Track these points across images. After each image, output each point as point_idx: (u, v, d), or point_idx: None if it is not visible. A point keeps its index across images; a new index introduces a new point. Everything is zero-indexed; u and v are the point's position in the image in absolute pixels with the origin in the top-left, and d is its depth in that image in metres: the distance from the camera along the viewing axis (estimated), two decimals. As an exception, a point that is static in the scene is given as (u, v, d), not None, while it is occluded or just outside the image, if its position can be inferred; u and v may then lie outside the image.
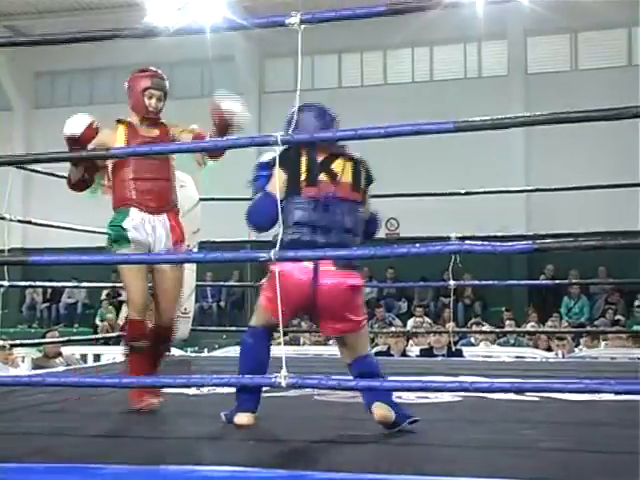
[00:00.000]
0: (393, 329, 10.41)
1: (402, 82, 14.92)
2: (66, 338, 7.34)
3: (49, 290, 15.61)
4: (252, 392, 3.10)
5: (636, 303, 11.93)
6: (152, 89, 3.72)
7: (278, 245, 2.76)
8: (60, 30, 3.40)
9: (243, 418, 3.09)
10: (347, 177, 3.03)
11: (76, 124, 3.58)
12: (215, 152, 3.65)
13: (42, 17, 14.43)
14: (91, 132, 3.57)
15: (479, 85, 14.39)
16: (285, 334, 3.12)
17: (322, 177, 3.00)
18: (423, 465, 2.49)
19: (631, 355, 7.40)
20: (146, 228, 3.63)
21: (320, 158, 3.02)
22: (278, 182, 2.93)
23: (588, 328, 10.92)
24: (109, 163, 3.70)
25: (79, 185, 3.81)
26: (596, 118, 2.28)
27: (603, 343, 8.36)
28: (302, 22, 2.50)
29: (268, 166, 3.07)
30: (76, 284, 9.79)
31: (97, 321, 14.06)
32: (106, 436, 3.00)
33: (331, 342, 10.07)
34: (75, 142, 3.53)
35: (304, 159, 3.00)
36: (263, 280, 3.22)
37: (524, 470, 2.42)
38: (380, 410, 2.92)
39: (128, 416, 3.46)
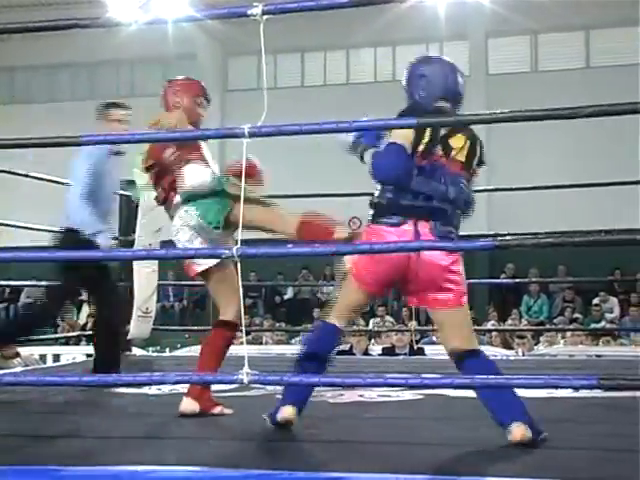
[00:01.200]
0: (355, 328, 10.42)
1: (365, 82, 15.00)
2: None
3: (7, 290, 15.38)
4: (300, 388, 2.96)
5: (594, 301, 12.11)
6: (203, 98, 3.68)
7: (374, 206, 2.91)
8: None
9: (287, 411, 2.93)
10: (462, 156, 2.94)
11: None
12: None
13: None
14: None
15: (441, 85, 14.49)
16: (247, 333, 3.10)
17: (438, 150, 2.92)
18: (384, 462, 2.50)
19: (589, 352, 7.52)
20: None
21: (443, 130, 2.92)
22: (406, 139, 2.85)
23: (548, 326, 11.08)
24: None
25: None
26: (551, 117, 2.32)
27: (562, 341, 8.49)
28: (264, 13, 2.48)
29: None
30: (35, 283, 9.64)
31: (58, 320, 13.88)
32: (66, 437, 2.96)
33: (293, 341, 10.07)
34: None
35: (429, 128, 2.88)
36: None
37: (484, 467, 2.44)
38: (520, 431, 2.69)
39: (88, 417, 3.42)
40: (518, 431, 2.68)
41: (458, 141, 2.93)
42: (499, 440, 2.75)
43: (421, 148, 2.87)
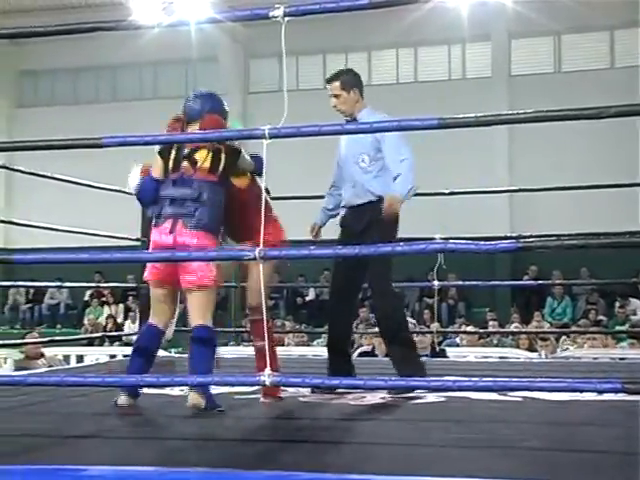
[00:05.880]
0: (377, 329, 10.39)
1: (386, 83, 14.95)
2: (49, 339, 7.26)
3: (31, 291, 15.53)
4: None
5: (617, 304, 12.00)
6: None
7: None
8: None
9: (123, 399, 3.57)
10: (207, 164, 3.64)
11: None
12: None
13: (24, 16, 14.34)
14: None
15: (463, 86, 14.44)
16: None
17: (185, 164, 3.65)
18: (405, 464, 2.49)
19: (613, 355, 7.45)
20: None
21: (186, 150, 3.65)
22: (156, 167, 3.72)
23: (573, 328, 10.98)
24: None
25: None
26: (576, 117, 2.30)
27: (586, 344, 8.41)
28: (286, 15, 2.48)
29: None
30: (59, 284, 9.72)
31: (85, 321, 14.03)
32: (87, 437, 2.97)
33: (315, 343, 10.07)
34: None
35: (173, 152, 3.67)
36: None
37: (505, 469, 2.42)
38: (194, 396, 3.40)
39: (110, 417, 3.44)
40: (193, 397, 3.40)
41: (201, 154, 3.64)
42: (520, 442, 2.73)
43: (170, 166, 3.66)
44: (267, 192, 3.75)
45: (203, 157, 3.65)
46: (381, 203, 4.06)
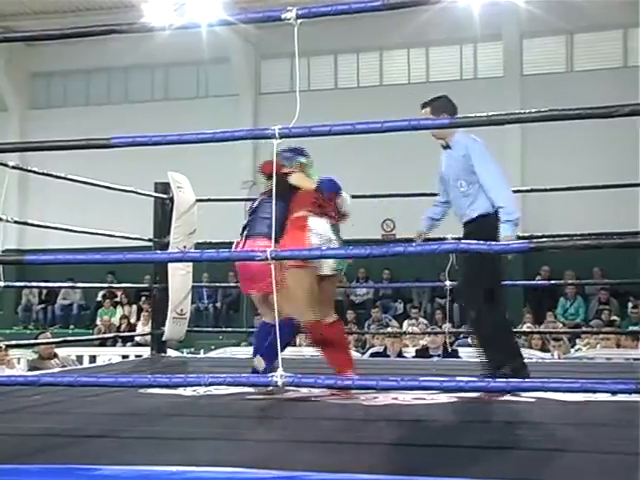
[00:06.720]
0: (390, 330, 10.40)
1: (398, 83, 14.94)
2: (62, 339, 7.30)
3: (44, 291, 15.60)
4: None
5: (630, 305, 11.94)
6: None
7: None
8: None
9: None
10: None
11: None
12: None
13: (37, 18, 14.42)
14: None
15: (475, 86, 14.39)
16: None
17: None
18: (418, 465, 2.49)
19: (627, 355, 7.42)
20: None
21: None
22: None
23: (584, 329, 10.93)
24: None
25: None
26: (590, 116, 2.28)
27: (599, 344, 8.38)
28: (298, 17, 2.48)
29: None
30: (72, 284, 9.77)
31: (98, 322, 14.09)
32: (101, 437, 2.99)
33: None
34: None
35: None
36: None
37: (519, 470, 2.41)
38: (259, 359, 3.91)
39: (123, 417, 3.45)
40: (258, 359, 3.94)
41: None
42: (532, 443, 2.72)
43: None
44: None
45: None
46: (476, 222, 4.21)
